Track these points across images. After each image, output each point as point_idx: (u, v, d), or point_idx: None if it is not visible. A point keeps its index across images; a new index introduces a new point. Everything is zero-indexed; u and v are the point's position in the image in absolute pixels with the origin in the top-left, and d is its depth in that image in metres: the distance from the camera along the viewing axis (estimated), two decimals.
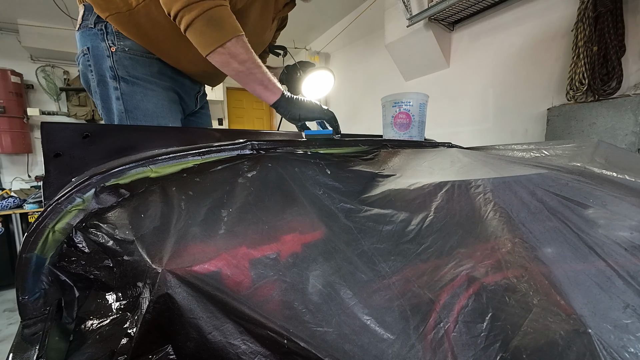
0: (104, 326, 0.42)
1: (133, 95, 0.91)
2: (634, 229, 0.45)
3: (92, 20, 0.88)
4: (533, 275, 0.39)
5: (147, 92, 0.93)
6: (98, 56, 0.89)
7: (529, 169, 0.59)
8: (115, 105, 0.91)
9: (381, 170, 0.67)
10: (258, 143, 0.63)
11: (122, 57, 0.89)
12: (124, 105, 0.90)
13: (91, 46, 0.89)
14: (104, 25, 0.87)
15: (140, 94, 0.91)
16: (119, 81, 0.89)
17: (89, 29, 0.88)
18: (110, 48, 0.88)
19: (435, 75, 2.57)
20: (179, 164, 0.55)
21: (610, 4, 1.47)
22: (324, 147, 0.74)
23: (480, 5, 2.07)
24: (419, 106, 1.05)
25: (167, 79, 0.96)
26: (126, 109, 0.90)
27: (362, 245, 0.48)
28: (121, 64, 0.89)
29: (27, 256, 0.42)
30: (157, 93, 0.94)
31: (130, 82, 0.90)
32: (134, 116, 0.91)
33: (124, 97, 0.90)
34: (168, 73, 0.96)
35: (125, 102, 0.90)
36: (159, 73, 0.94)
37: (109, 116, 0.93)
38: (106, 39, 0.88)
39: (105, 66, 0.89)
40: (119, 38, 0.88)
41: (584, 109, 1.62)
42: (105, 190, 0.47)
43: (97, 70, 0.90)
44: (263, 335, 0.34)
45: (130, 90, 0.90)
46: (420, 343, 0.35)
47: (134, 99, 0.91)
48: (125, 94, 0.90)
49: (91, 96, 0.97)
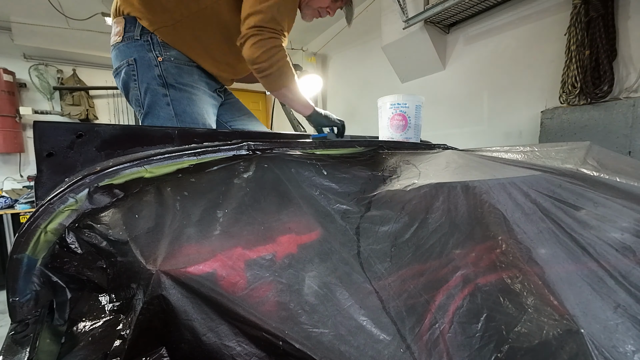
0: (96, 328, 0.41)
1: (181, 100, 1.00)
2: (625, 230, 0.45)
3: (137, 33, 0.95)
4: (527, 276, 0.39)
5: (192, 97, 1.02)
6: (145, 66, 0.96)
7: (522, 171, 0.60)
8: (165, 110, 0.99)
9: (377, 172, 0.68)
10: (254, 144, 0.63)
11: (169, 66, 0.97)
12: (174, 111, 0.99)
13: (138, 57, 0.96)
14: (150, 37, 0.95)
15: (186, 99, 1.01)
16: (168, 88, 0.98)
17: (134, 40, 0.95)
18: (157, 58, 0.96)
19: (431, 77, 2.59)
20: (174, 164, 0.54)
21: (602, 9, 1.50)
22: (321, 148, 0.74)
23: (476, 9, 2.10)
24: (415, 108, 1.06)
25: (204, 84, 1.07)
26: (176, 114, 0.99)
27: (358, 246, 0.48)
28: (169, 73, 0.97)
29: (18, 257, 0.41)
30: (199, 97, 1.04)
31: (178, 89, 0.99)
32: (182, 119, 1.00)
33: (174, 103, 0.99)
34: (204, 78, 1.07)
35: (175, 107, 0.99)
36: (199, 79, 1.04)
37: (154, 122, 1.00)
38: (153, 49, 0.95)
39: (153, 75, 0.96)
40: (165, 48, 0.96)
41: (577, 112, 1.65)
42: (99, 191, 0.47)
43: (144, 79, 0.97)
44: (258, 337, 0.34)
45: (179, 96, 0.99)
46: (416, 344, 0.35)
47: (181, 103, 1.00)
48: (174, 99, 0.99)
49: (130, 104, 1.04)
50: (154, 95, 0.98)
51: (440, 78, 2.53)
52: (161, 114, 1.00)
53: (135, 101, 1.02)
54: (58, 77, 3.77)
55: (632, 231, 0.45)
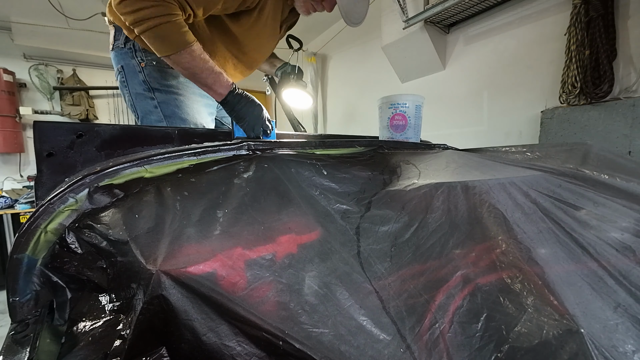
0: (96, 328, 0.41)
1: (168, 102, 1.00)
2: (625, 230, 0.45)
3: (122, 41, 0.96)
4: (527, 275, 0.39)
5: (180, 98, 1.01)
6: (131, 73, 0.98)
7: (522, 171, 0.60)
8: (154, 114, 1.00)
9: (377, 172, 0.68)
10: (254, 143, 0.63)
11: (151, 70, 0.97)
12: (162, 113, 0.99)
13: (124, 64, 0.98)
14: (132, 44, 0.95)
15: (173, 100, 1.00)
16: (154, 92, 0.99)
17: (120, 48, 0.97)
18: (140, 64, 0.96)
19: (431, 77, 2.59)
20: (174, 164, 0.54)
21: (602, 9, 1.50)
22: (321, 148, 0.74)
23: (476, 9, 2.10)
24: (415, 108, 1.06)
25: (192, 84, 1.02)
26: (165, 116, 0.99)
27: (358, 246, 0.48)
28: (152, 77, 0.98)
29: (18, 257, 0.41)
30: (188, 98, 1.02)
31: (163, 91, 0.99)
32: (172, 122, 0.99)
33: (161, 105, 0.99)
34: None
35: (162, 109, 0.99)
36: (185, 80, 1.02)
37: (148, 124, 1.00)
38: (135, 56, 0.96)
39: (138, 80, 0.98)
40: (146, 53, 0.96)
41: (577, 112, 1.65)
42: (99, 191, 0.47)
43: (132, 85, 0.99)
44: (258, 337, 0.34)
45: (165, 98, 0.99)
46: (416, 344, 0.35)
47: (169, 105, 0.99)
48: (162, 102, 0.99)
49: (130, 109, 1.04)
50: (142, 100, 1.00)
51: (440, 78, 2.53)
52: (152, 118, 1.00)
53: (130, 106, 1.04)
54: (58, 77, 3.76)
55: (632, 231, 0.45)
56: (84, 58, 3.77)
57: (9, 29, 3.28)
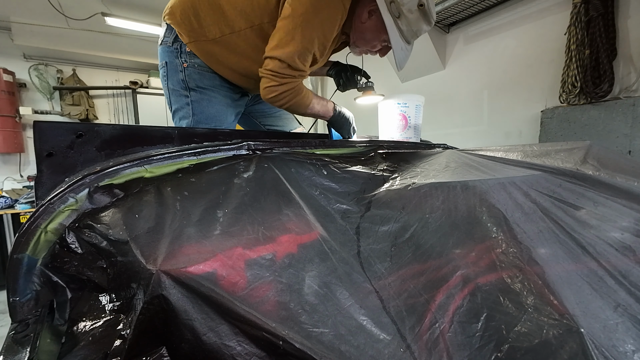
0: (96, 328, 0.41)
1: (200, 102, 1.13)
2: (625, 229, 0.45)
3: (170, 40, 1.08)
4: (527, 275, 0.39)
5: (211, 99, 1.14)
6: (172, 70, 1.11)
7: (523, 171, 0.60)
8: (185, 110, 1.13)
9: (377, 171, 0.68)
10: (254, 143, 0.63)
11: (192, 71, 1.09)
12: (192, 110, 1.13)
13: (168, 61, 1.10)
14: (180, 45, 1.08)
15: (206, 100, 1.13)
16: (189, 91, 1.12)
17: (167, 46, 1.09)
18: (183, 64, 1.09)
19: (431, 77, 2.59)
20: (174, 164, 0.54)
21: (602, 9, 1.50)
22: (320, 148, 0.74)
23: (476, 8, 2.10)
24: (415, 108, 1.06)
25: (226, 88, 1.19)
26: (193, 113, 1.12)
27: (358, 246, 0.48)
28: (191, 78, 1.10)
29: (18, 257, 0.41)
30: (218, 100, 1.16)
31: (198, 91, 1.12)
32: (199, 119, 1.13)
33: (193, 104, 1.13)
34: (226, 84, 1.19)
35: (193, 107, 1.13)
36: (220, 85, 1.16)
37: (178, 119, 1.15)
38: (180, 57, 1.09)
39: (178, 79, 1.11)
40: (191, 56, 1.08)
41: (577, 111, 1.65)
42: (99, 190, 0.47)
43: (171, 81, 1.12)
44: (258, 337, 0.34)
45: (198, 97, 1.12)
46: (416, 343, 0.35)
47: (200, 104, 1.13)
48: (194, 101, 1.12)
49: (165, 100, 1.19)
50: (177, 96, 1.13)
51: (440, 78, 2.53)
52: (182, 113, 1.15)
53: (166, 98, 1.18)
54: (58, 77, 3.76)
55: (632, 231, 0.45)
56: (84, 58, 3.76)
57: (8, 29, 3.28)
